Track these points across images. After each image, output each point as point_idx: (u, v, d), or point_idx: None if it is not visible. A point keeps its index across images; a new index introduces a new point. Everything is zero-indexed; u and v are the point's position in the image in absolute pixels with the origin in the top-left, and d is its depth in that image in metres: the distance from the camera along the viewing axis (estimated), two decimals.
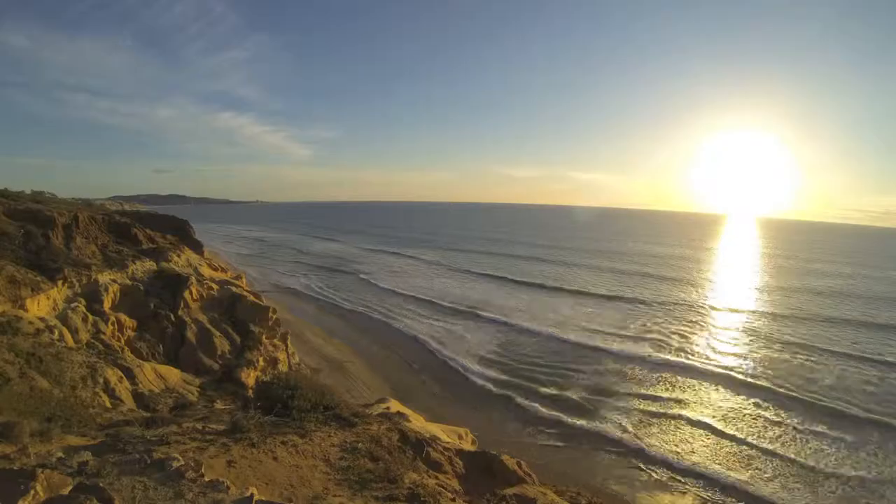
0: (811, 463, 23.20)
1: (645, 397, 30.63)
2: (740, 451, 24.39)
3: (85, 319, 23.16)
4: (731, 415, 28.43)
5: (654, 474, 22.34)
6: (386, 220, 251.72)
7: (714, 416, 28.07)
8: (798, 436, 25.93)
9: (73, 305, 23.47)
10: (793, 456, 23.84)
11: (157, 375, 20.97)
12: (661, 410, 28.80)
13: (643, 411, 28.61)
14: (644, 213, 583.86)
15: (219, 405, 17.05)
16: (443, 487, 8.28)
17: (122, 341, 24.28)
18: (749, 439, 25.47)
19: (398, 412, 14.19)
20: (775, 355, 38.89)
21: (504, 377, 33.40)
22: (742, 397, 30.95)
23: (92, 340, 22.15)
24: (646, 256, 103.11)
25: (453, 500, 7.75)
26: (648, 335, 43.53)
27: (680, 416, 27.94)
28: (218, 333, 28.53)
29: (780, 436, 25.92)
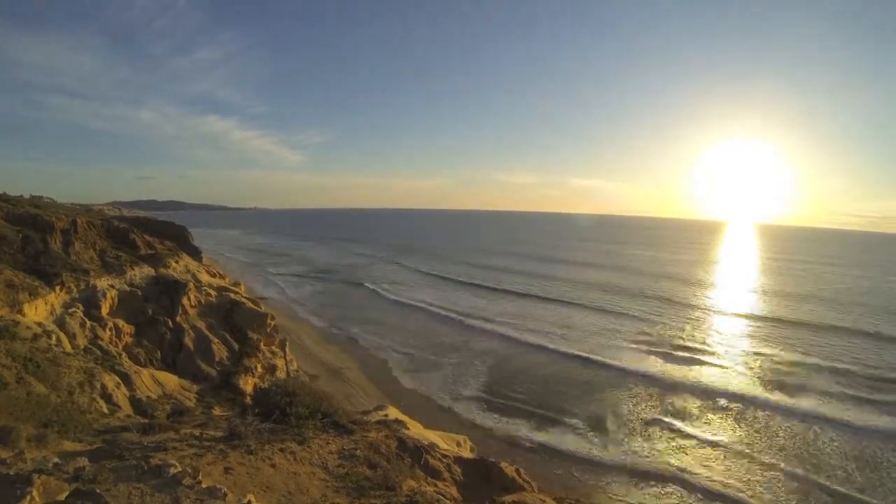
0: None
1: None
2: None
3: (83, 325, 23.09)
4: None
5: None
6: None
7: None
8: None
9: (70, 311, 23.41)
10: None
11: (155, 381, 20.90)
12: None
13: None
14: (644, 221, 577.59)
15: (217, 412, 17.00)
16: (441, 495, 8.23)
17: (120, 347, 24.19)
18: None
19: (396, 419, 14.12)
20: None
21: None
22: None
23: (89, 346, 22.07)
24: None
25: None
26: None
27: None
28: (216, 340, 28.45)
29: None
